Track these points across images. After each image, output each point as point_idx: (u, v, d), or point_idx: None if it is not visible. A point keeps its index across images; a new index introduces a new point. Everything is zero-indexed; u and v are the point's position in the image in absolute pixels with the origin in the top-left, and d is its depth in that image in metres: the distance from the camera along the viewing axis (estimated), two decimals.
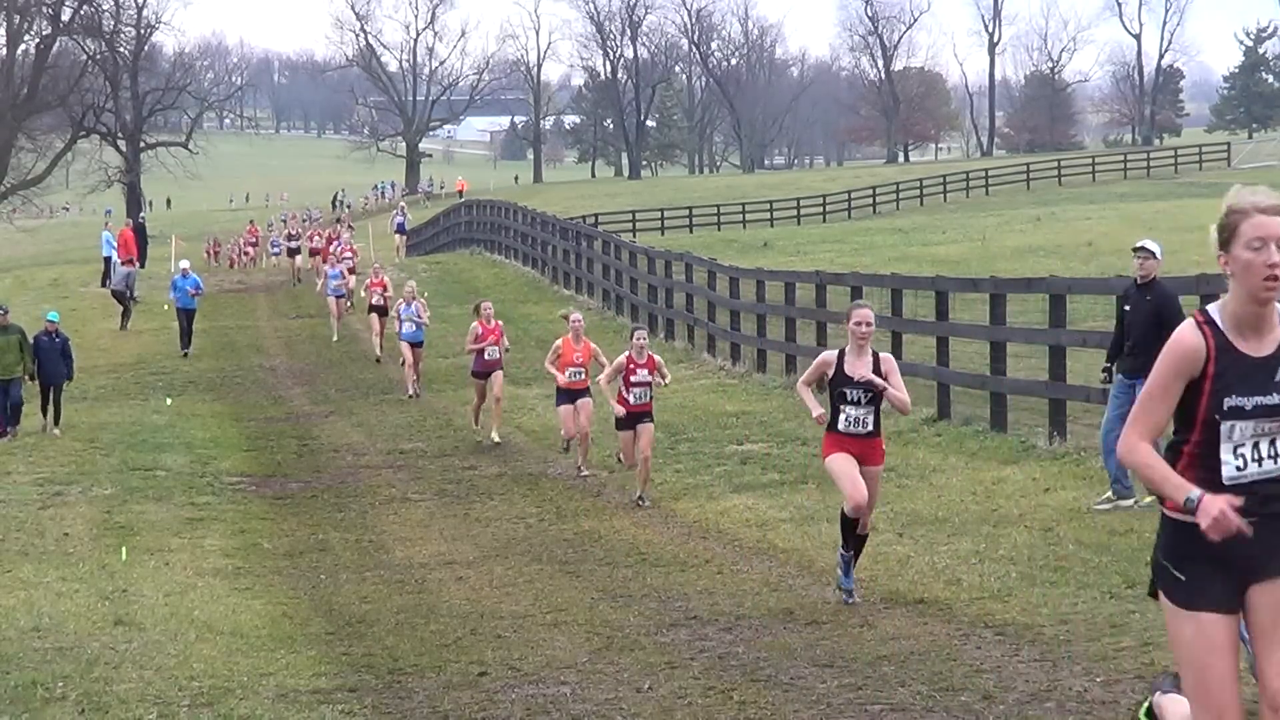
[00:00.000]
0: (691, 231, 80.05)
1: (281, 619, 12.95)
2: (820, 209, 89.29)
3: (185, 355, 36.36)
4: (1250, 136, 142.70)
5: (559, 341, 20.98)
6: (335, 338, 38.50)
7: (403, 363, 30.30)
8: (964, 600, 12.11)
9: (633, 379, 18.38)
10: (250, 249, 71.65)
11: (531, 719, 9.54)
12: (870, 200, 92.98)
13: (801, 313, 27.91)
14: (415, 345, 30.18)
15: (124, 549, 16.32)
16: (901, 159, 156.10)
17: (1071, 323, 19.64)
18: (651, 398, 18.59)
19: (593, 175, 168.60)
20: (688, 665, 10.64)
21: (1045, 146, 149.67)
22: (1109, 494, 15.24)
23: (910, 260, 46.89)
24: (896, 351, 23.92)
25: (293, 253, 55.29)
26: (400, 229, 63.23)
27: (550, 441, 23.73)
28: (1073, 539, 13.99)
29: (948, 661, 10.30)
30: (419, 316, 30.34)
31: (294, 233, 57.67)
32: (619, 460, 19.23)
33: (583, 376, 20.62)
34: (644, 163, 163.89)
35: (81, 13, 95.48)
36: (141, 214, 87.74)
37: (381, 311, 34.60)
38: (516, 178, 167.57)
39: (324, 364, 35.91)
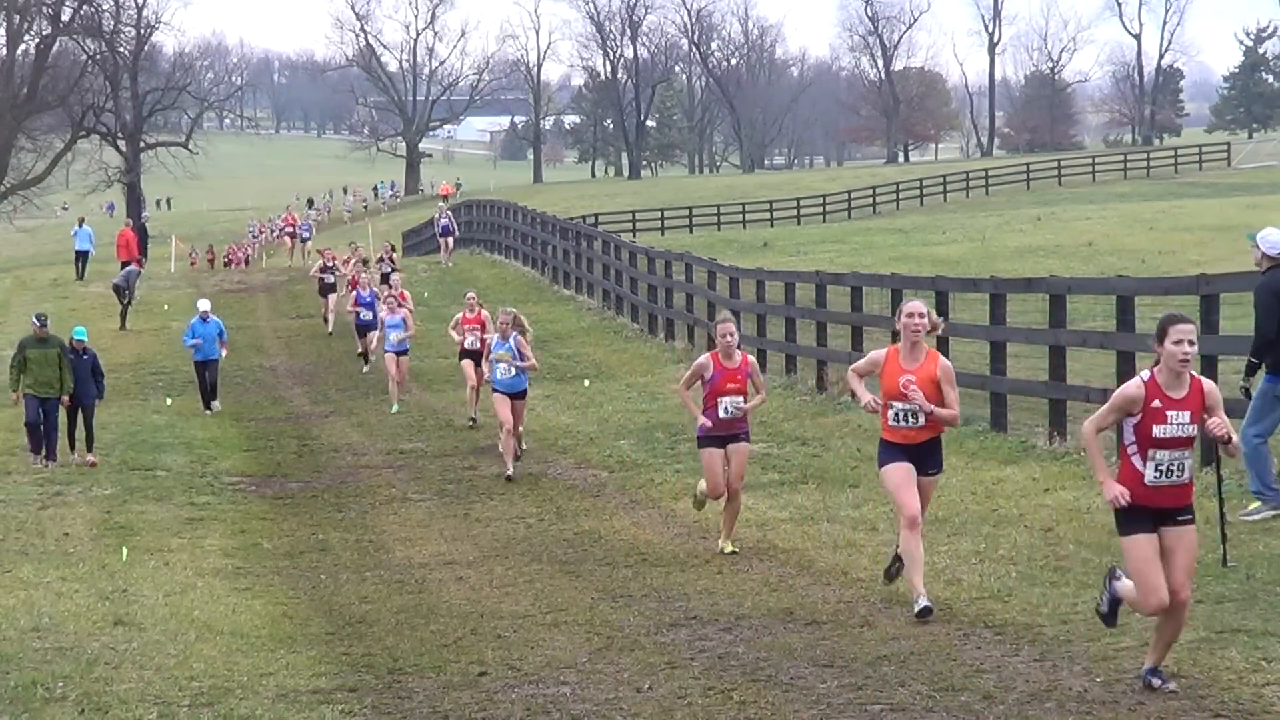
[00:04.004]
0: (691, 231, 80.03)
1: (281, 619, 12.96)
2: (820, 209, 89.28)
3: (211, 413, 28.92)
4: (1250, 136, 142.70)
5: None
6: (395, 408, 28.10)
7: (501, 426, 21.28)
8: (964, 600, 12.12)
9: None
10: (288, 238, 71.92)
11: (531, 719, 9.54)
12: (870, 200, 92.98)
13: (801, 313, 27.88)
14: (516, 397, 21.43)
15: (124, 549, 16.32)
16: (901, 159, 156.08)
17: (1071, 323, 19.65)
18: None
19: (593, 175, 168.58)
20: (688, 665, 10.64)
21: (1045, 146, 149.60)
22: (1257, 505, 14.31)
23: (910, 260, 46.88)
24: None
25: (327, 289, 41.79)
26: (445, 231, 60.97)
27: (550, 441, 23.74)
28: (1073, 539, 14.00)
29: (948, 661, 10.31)
30: (520, 356, 21.46)
31: (328, 264, 42.78)
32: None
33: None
34: (644, 163, 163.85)
35: (81, 13, 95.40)
36: (144, 214, 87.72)
37: (478, 359, 25.53)
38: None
39: (324, 364, 35.88)
